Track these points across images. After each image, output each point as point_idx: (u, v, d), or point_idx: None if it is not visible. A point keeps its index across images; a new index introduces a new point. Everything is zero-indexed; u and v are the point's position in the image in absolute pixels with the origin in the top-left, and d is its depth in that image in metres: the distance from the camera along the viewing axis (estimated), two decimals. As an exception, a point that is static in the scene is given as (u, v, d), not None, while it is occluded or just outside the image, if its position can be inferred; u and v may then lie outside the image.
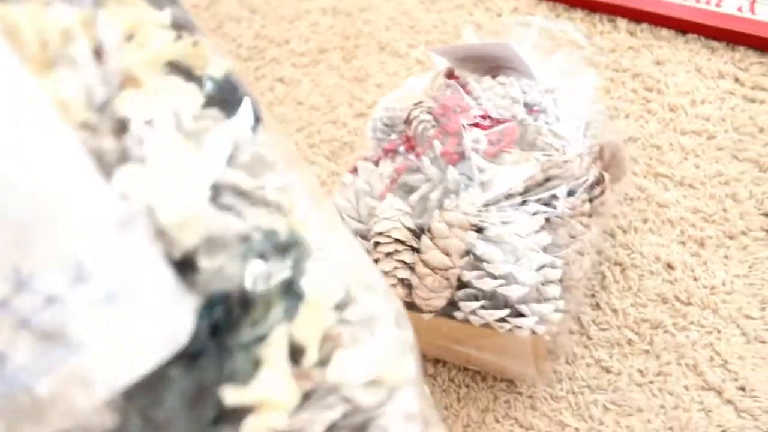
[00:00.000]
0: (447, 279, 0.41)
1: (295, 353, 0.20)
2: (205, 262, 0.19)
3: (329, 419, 0.21)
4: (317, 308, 0.21)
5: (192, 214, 0.19)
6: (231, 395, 0.19)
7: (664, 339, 0.49)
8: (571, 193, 0.43)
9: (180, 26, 0.21)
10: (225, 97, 0.21)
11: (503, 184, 0.43)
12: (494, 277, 0.40)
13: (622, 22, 0.65)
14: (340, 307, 0.22)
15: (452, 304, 0.42)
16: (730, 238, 0.52)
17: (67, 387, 0.18)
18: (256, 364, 0.19)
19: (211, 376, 0.19)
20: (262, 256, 0.20)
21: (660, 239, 0.53)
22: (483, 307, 0.40)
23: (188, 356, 0.18)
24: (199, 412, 0.19)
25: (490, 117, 0.45)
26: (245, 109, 0.21)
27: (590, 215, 0.44)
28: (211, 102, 0.21)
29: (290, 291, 0.20)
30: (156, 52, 0.20)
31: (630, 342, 0.49)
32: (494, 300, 0.40)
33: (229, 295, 0.19)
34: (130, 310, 0.18)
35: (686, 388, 0.47)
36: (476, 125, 0.44)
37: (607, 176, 0.46)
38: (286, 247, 0.21)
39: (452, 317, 0.42)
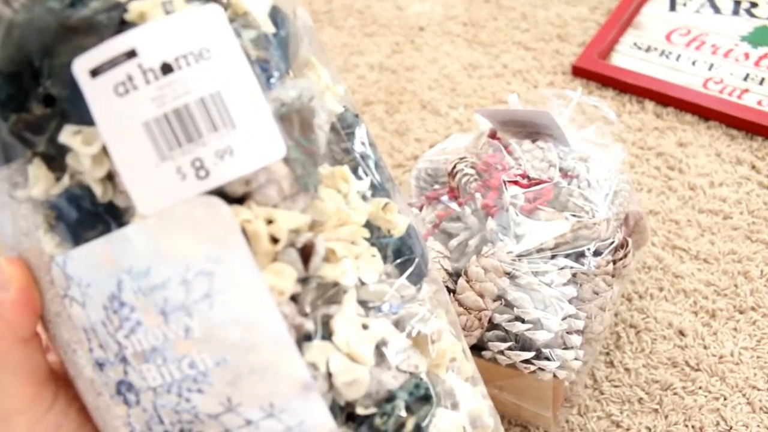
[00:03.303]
0: (479, 320, 0.44)
1: None
2: (360, 410, 0.24)
3: None
4: None
5: (357, 379, 0.24)
6: None
7: (672, 400, 0.51)
8: (597, 254, 0.47)
9: (374, 187, 0.26)
10: (401, 256, 0.25)
11: (536, 238, 0.46)
12: (523, 322, 0.43)
13: (649, 105, 0.69)
14: None
15: (481, 345, 0.45)
16: (740, 312, 0.55)
17: None
18: None
19: None
20: (408, 405, 0.25)
21: (674, 307, 0.56)
22: (510, 348, 0.43)
23: None
24: None
25: (528, 177, 0.49)
26: (415, 269, 0.26)
27: (613, 275, 0.48)
28: (387, 259, 0.25)
29: None
30: (352, 228, 0.25)
31: (640, 400, 0.52)
32: (521, 343, 0.44)
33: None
34: None
35: (691, 448, 0.49)
36: (515, 183, 0.49)
37: (630, 241, 0.50)
38: (423, 399, 0.26)
39: (480, 356, 0.45)
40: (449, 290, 0.46)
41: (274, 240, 0.23)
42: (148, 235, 0.23)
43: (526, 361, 0.43)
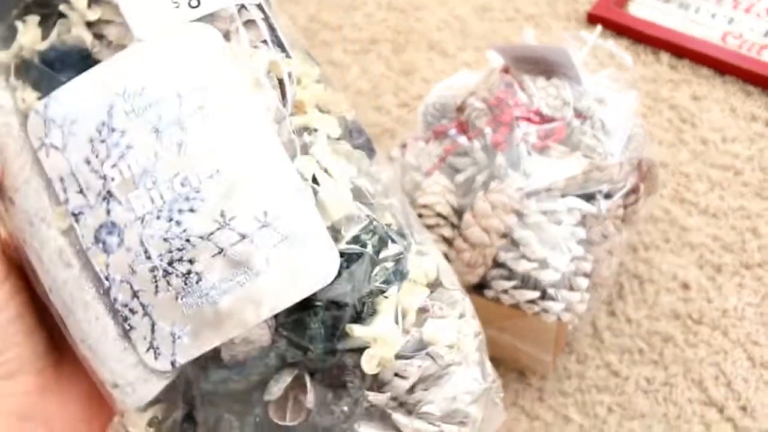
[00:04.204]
0: (483, 256, 0.42)
1: (400, 315, 0.27)
2: (345, 232, 0.26)
3: (420, 366, 0.26)
4: (417, 284, 0.28)
5: (340, 196, 0.26)
6: (357, 330, 0.26)
7: (673, 352, 0.50)
8: (608, 196, 0.45)
9: (324, 80, 0.29)
10: (352, 134, 0.28)
11: (546, 177, 0.45)
12: (529, 260, 0.42)
13: (665, 56, 0.67)
14: (432, 287, 0.28)
15: (483, 284, 0.44)
16: (746, 268, 0.54)
17: (242, 304, 0.24)
18: (374, 312, 0.26)
19: (344, 314, 0.26)
20: (383, 237, 0.27)
21: (679, 260, 0.55)
22: (515, 288, 0.42)
23: (330, 298, 0.25)
24: (332, 340, 0.25)
25: (540, 114, 0.47)
26: (366, 143, 0.28)
27: (623, 220, 0.47)
28: (343, 135, 0.28)
29: (399, 267, 0.27)
30: (313, 94, 0.27)
31: (640, 351, 0.51)
32: (526, 282, 0.42)
33: (362, 256, 0.26)
34: (296, 252, 0.25)
35: (690, 400, 0.48)
36: (527, 119, 0.47)
37: (642, 187, 0.48)
38: (398, 235, 0.28)
39: (482, 296, 0.44)
40: (453, 226, 0.44)
41: (255, 70, 0.25)
42: (144, 56, 0.24)
43: (531, 302, 0.42)
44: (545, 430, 0.48)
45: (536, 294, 0.42)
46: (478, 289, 0.44)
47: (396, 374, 0.26)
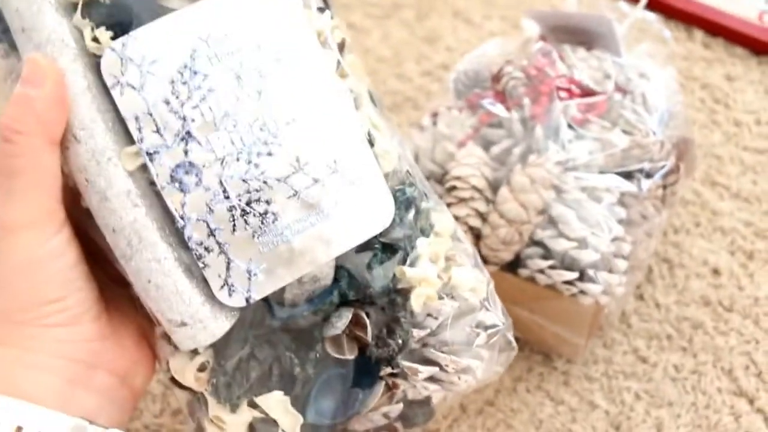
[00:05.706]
0: (520, 234, 0.40)
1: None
2: (390, 183, 0.28)
3: (453, 306, 0.30)
4: (442, 235, 0.30)
5: (389, 151, 0.28)
6: (408, 271, 0.28)
7: (702, 340, 0.49)
8: (648, 176, 0.43)
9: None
10: (373, 100, 0.30)
11: (585, 152, 0.42)
12: (568, 239, 0.40)
13: (698, 33, 0.65)
14: (453, 239, 0.31)
15: (517, 263, 0.42)
16: (780, 256, 0.52)
17: (313, 243, 0.26)
18: (418, 256, 0.29)
19: (398, 256, 0.28)
20: (420, 191, 0.30)
21: (710, 245, 0.53)
22: (552, 267, 0.40)
23: (387, 241, 0.28)
24: (388, 280, 0.28)
25: (581, 86, 0.45)
26: (382, 110, 0.31)
27: (662, 201, 0.44)
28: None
29: (429, 219, 0.30)
30: (349, 61, 0.29)
31: (669, 337, 0.49)
32: (564, 262, 0.40)
33: (410, 205, 0.29)
34: (361, 197, 0.27)
35: (719, 390, 0.47)
36: (567, 91, 0.44)
37: (682, 167, 0.46)
38: (426, 193, 0.31)
39: (515, 275, 0.42)
40: (488, 200, 0.42)
41: (323, 30, 0.28)
42: (228, 5, 0.25)
43: (568, 283, 0.40)
44: (570, 416, 0.46)
45: (574, 275, 0.40)
46: (511, 266, 0.42)
47: (428, 314, 0.29)
